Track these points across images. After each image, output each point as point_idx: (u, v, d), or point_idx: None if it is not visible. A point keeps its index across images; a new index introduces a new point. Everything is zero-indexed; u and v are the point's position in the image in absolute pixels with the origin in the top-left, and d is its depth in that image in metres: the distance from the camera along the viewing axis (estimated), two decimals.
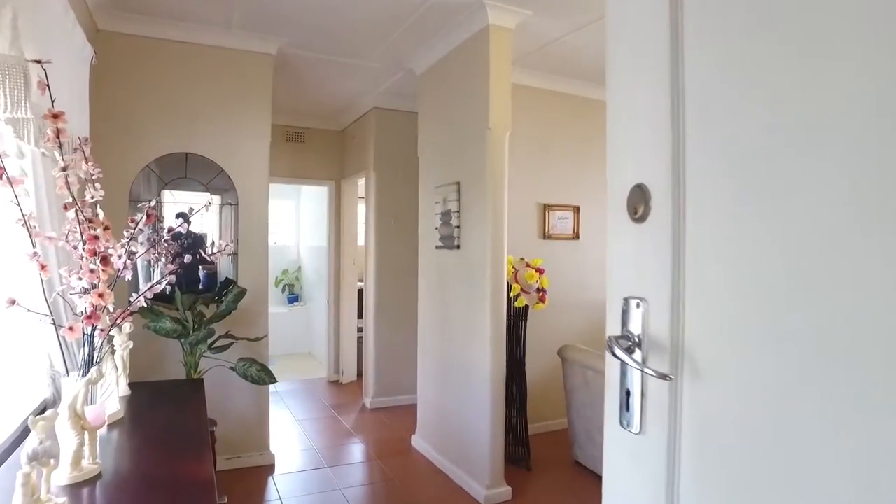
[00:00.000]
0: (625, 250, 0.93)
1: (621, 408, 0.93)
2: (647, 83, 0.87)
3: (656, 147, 0.84)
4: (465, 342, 3.55)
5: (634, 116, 0.89)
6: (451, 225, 3.68)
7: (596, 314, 4.79)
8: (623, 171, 0.92)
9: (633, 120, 0.90)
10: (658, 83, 0.84)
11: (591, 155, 4.78)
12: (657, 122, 0.84)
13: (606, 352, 0.92)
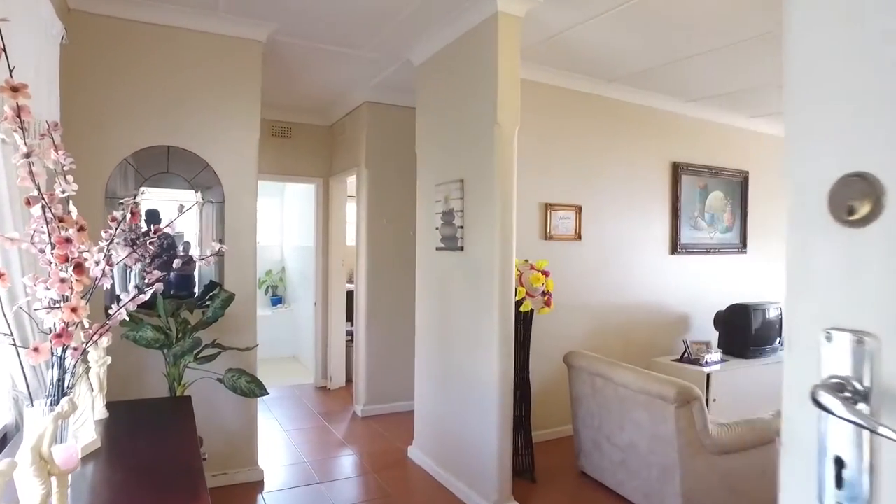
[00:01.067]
0: (826, 264, 0.70)
1: (822, 483, 0.70)
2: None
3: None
4: (469, 349, 3.34)
5: (851, 85, 0.66)
6: (453, 225, 3.47)
7: (598, 318, 4.63)
8: (822, 157, 0.69)
9: (847, 90, 0.66)
10: None
11: (594, 153, 4.61)
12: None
13: (785, 402, 0.67)
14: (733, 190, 5.56)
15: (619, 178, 4.75)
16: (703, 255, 5.33)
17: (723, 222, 5.48)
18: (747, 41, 3.60)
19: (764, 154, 5.84)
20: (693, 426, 2.82)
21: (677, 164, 5.11)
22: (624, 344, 4.78)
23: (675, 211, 5.11)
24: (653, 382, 2.92)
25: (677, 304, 5.15)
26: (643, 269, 4.91)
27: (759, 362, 4.65)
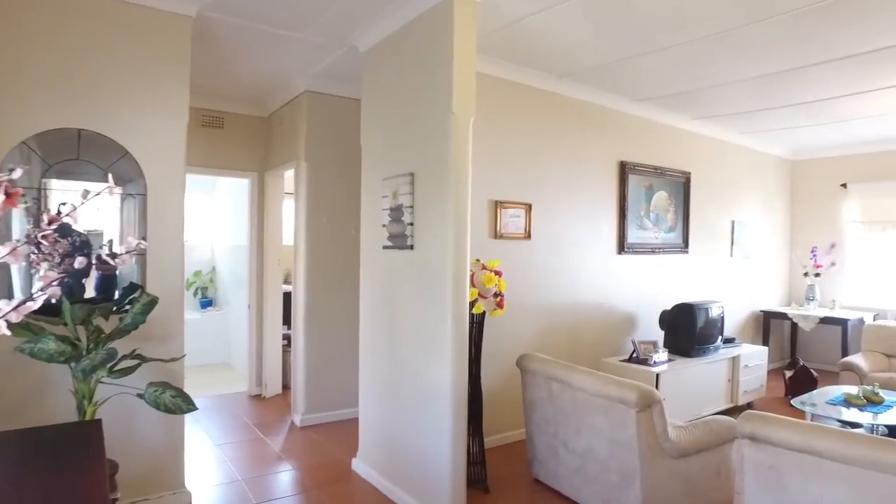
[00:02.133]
0: None
1: None
2: None
3: None
4: (420, 354, 3.14)
5: None
6: (402, 222, 3.25)
7: (547, 318, 4.53)
8: None
9: None
10: None
11: (544, 150, 4.51)
12: None
13: None
14: (676, 190, 5.62)
15: (568, 177, 4.68)
16: (648, 254, 5.35)
17: (666, 222, 5.53)
18: (702, 40, 3.57)
19: (705, 155, 5.96)
20: (653, 430, 2.73)
21: (624, 163, 5.10)
22: (573, 344, 4.71)
23: (622, 210, 5.10)
24: (613, 386, 2.81)
25: (624, 304, 5.14)
26: (591, 268, 4.86)
27: (703, 360, 4.69)
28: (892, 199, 6.32)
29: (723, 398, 4.88)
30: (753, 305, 6.66)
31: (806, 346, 6.91)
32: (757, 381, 5.14)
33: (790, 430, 2.13)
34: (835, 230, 6.83)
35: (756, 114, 5.35)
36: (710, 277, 6.03)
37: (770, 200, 6.89)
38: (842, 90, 4.53)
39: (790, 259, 7.19)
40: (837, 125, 5.65)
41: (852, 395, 3.82)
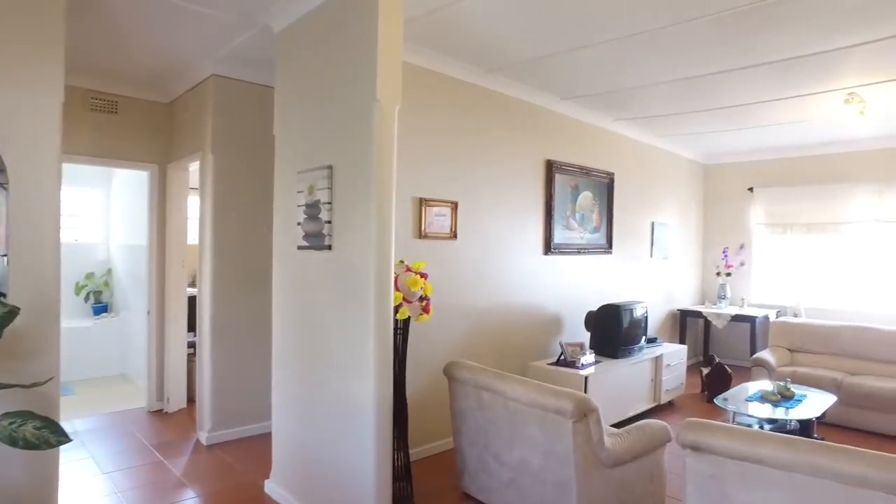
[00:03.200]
0: None
1: None
2: None
3: None
4: (340, 365, 2.85)
5: None
6: (319, 220, 2.95)
7: (473, 321, 4.36)
8: None
9: None
10: None
11: (470, 147, 4.33)
12: None
13: None
14: (601, 191, 5.64)
15: (495, 175, 4.53)
16: (574, 255, 5.32)
17: (591, 223, 5.53)
18: (630, 38, 3.52)
19: (627, 157, 6.03)
20: (590, 440, 2.60)
21: (551, 162, 5.03)
22: (500, 348, 4.57)
23: (548, 210, 5.02)
24: (548, 396, 2.66)
25: (551, 305, 5.07)
26: (519, 269, 4.75)
27: (629, 361, 4.69)
28: (792, 203, 6.69)
29: (646, 398, 4.91)
30: (671, 304, 6.84)
31: (718, 342, 7.19)
32: (677, 379, 5.24)
33: (734, 438, 2.05)
34: (743, 232, 7.16)
35: (675, 117, 5.45)
36: (632, 278, 6.11)
37: (685, 203, 7.12)
38: (757, 97, 4.67)
39: (703, 259, 7.47)
40: (749, 131, 5.88)
41: (768, 392, 3.92)
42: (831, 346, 5.21)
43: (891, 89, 4.37)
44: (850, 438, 4.36)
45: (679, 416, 4.94)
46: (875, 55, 3.73)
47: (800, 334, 5.42)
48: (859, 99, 4.48)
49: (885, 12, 3.12)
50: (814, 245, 6.57)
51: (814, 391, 4.22)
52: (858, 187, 6.28)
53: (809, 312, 6.52)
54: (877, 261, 6.24)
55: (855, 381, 4.66)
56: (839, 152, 6.42)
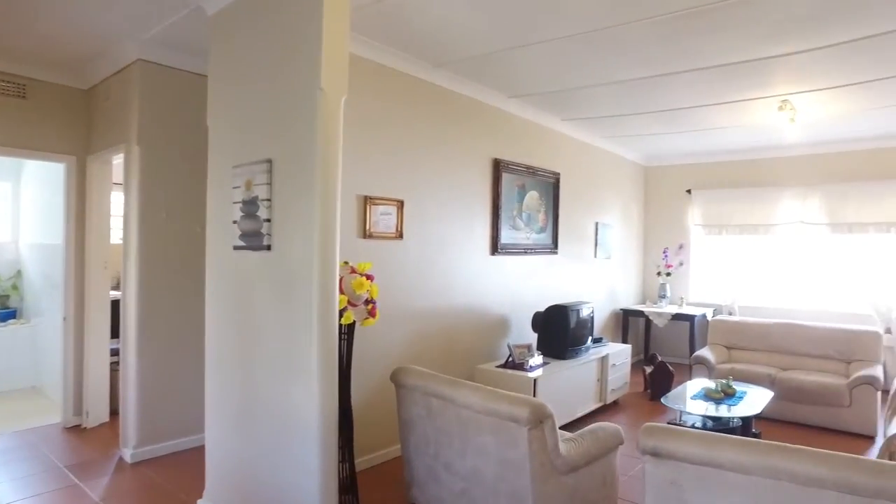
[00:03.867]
0: None
1: None
2: None
3: None
4: (280, 373, 2.64)
5: None
6: (258, 218, 2.73)
7: (420, 324, 4.22)
8: None
9: None
10: None
11: (417, 144, 4.19)
12: None
13: None
14: (547, 191, 5.62)
15: (442, 173, 4.41)
16: (521, 255, 5.27)
17: (538, 223, 5.50)
18: (579, 36, 3.48)
19: (573, 157, 6.05)
20: (545, 447, 2.51)
21: (499, 161, 4.96)
22: (447, 351, 4.46)
23: (495, 210, 4.95)
24: (502, 402, 2.55)
25: (498, 307, 5.00)
26: (466, 270, 4.65)
27: (576, 362, 4.68)
28: (727, 205, 6.93)
29: (593, 398, 4.92)
30: (614, 304, 6.94)
31: (658, 340, 7.36)
32: (622, 378, 5.28)
33: (693, 442, 2.00)
34: (682, 232, 7.37)
35: (619, 118, 5.51)
36: (577, 278, 6.14)
37: (627, 204, 7.24)
38: (697, 101, 4.77)
39: (644, 259, 7.64)
40: (688, 134, 6.03)
41: (711, 390, 3.99)
42: (765, 342, 5.40)
43: (818, 98, 4.55)
44: (784, 431, 4.52)
45: (625, 416, 4.98)
46: (806, 65, 3.86)
47: (736, 332, 5.59)
48: (791, 106, 4.65)
49: (817, 25, 3.24)
50: (746, 246, 6.83)
51: (752, 387, 4.34)
52: (786, 191, 6.57)
53: (743, 311, 6.78)
54: (803, 261, 6.55)
55: (786, 376, 4.84)
56: (770, 157, 6.70)
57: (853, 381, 4.56)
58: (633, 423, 4.79)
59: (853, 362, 4.98)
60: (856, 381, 4.53)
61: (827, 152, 6.37)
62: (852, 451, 4.29)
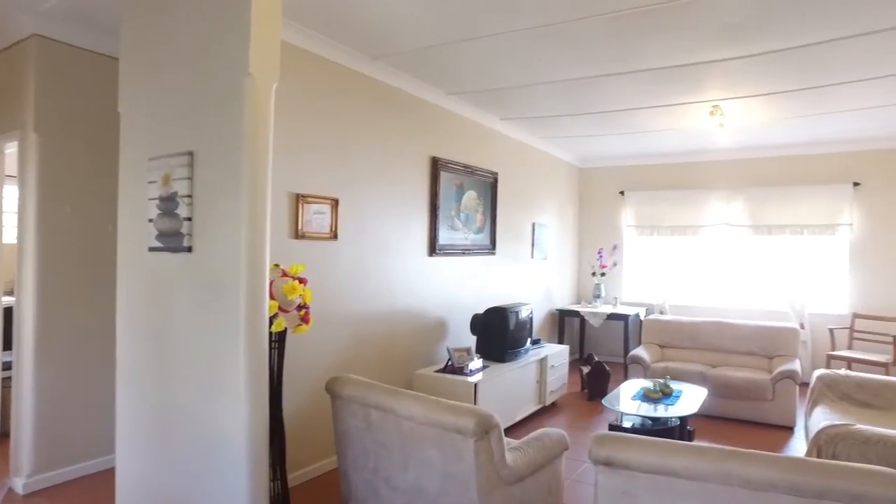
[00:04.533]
0: None
1: None
2: None
3: None
4: (202, 388, 2.39)
5: None
6: (177, 216, 2.46)
7: (356, 329, 4.01)
8: None
9: None
10: None
11: (353, 139, 3.99)
12: None
13: None
14: (485, 190, 5.54)
15: (379, 170, 4.22)
16: (459, 256, 5.16)
17: (476, 223, 5.41)
18: (522, 32, 3.40)
19: (511, 157, 6.01)
20: (492, 459, 2.39)
21: (437, 159, 4.82)
22: (385, 357, 4.27)
23: (433, 209, 4.81)
24: (446, 413, 2.41)
25: (437, 309, 4.86)
26: (403, 271, 4.48)
27: (516, 365, 4.62)
28: (658, 206, 7.13)
29: (533, 400, 4.88)
30: (550, 304, 6.97)
31: (593, 340, 7.47)
32: (560, 379, 5.28)
33: (647, 450, 1.93)
34: (616, 233, 7.51)
35: (556, 119, 5.51)
36: (515, 279, 6.11)
37: (563, 205, 7.30)
38: (634, 103, 4.83)
39: (579, 260, 7.74)
40: (623, 137, 6.13)
41: (650, 390, 4.02)
42: (696, 341, 5.56)
43: (746, 105, 4.72)
44: (715, 426, 4.65)
45: (564, 417, 4.97)
46: (737, 72, 3.97)
47: (668, 331, 5.73)
48: (721, 112, 4.79)
49: (749, 33, 3.34)
50: (677, 246, 7.05)
51: (686, 385, 4.42)
52: (713, 194, 6.83)
53: (674, 310, 6.99)
54: (728, 261, 6.83)
55: (716, 373, 4.99)
56: (699, 161, 6.95)
57: (776, 375, 4.75)
58: (573, 424, 4.79)
59: (775, 357, 5.20)
60: (778, 376, 4.73)
61: (750, 158, 6.67)
62: (776, 443, 4.50)
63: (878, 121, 5.25)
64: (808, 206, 6.29)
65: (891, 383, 3.85)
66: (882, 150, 6.10)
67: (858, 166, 6.20)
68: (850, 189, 6.16)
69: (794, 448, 4.28)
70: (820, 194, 6.26)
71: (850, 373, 3.97)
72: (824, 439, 2.77)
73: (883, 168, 6.11)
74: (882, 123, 5.35)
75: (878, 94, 4.43)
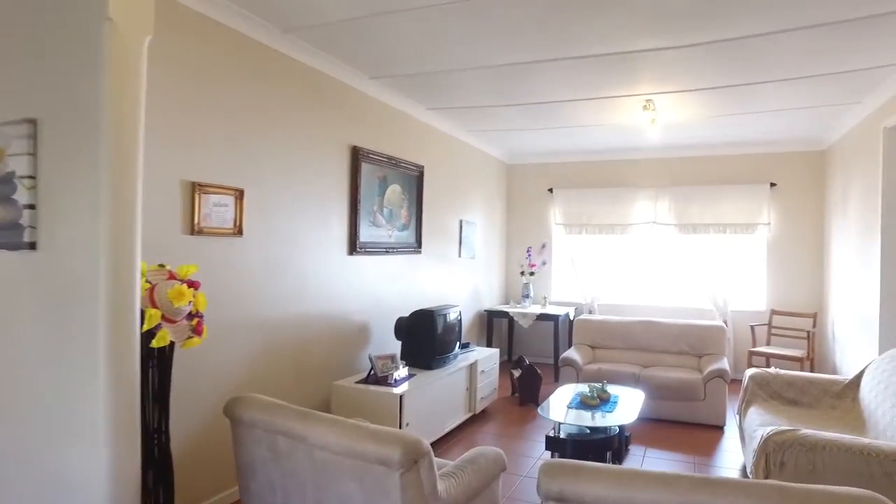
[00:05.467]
0: None
1: None
2: None
3: None
4: (49, 430, 1.86)
5: None
6: (14, 203, 1.92)
7: (265, 337, 3.53)
8: None
9: None
10: None
11: (262, 122, 3.50)
12: None
13: None
14: (410, 184, 5.17)
15: (292, 159, 3.75)
16: (382, 255, 4.75)
17: (400, 219, 5.03)
18: (462, 4, 3.04)
19: (438, 150, 5.67)
20: (422, 492, 2.02)
21: (358, 149, 4.39)
22: (299, 368, 3.81)
23: (354, 204, 4.38)
24: (367, 441, 2.02)
25: (358, 313, 4.44)
26: (320, 271, 4.02)
27: (445, 371, 4.28)
28: (587, 204, 7.03)
29: (462, 409, 4.57)
30: (478, 305, 6.70)
31: (522, 341, 7.28)
32: (491, 385, 5.00)
33: (607, 483, 1.63)
34: (545, 231, 7.36)
35: (486, 110, 5.23)
36: (442, 279, 5.78)
37: (491, 201, 7.06)
38: (567, 94, 4.61)
39: (507, 259, 7.53)
40: (552, 132, 5.94)
41: (587, 396, 3.80)
42: (627, 341, 5.45)
43: (678, 100, 4.63)
44: (651, 428, 4.52)
45: (496, 425, 4.69)
46: (671, 63, 3.84)
47: (600, 332, 5.59)
48: (653, 107, 4.68)
49: (686, 21, 3.19)
50: (605, 245, 6.96)
51: (621, 388, 4.26)
52: (640, 192, 6.81)
53: (602, 309, 6.91)
54: (656, 260, 6.83)
55: (649, 374, 4.88)
56: (627, 159, 6.91)
57: (707, 375, 4.70)
58: (506, 433, 4.52)
59: (704, 356, 5.17)
60: (709, 375, 4.67)
61: (676, 157, 6.70)
62: (709, 443, 4.42)
63: (794, 122, 5.35)
64: (730, 206, 6.39)
65: (815, 380, 3.84)
66: (795, 152, 6.28)
67: (775, 167, 6.35)
68: (767, 189, 6.30)
69: (728, 448, 4.21)
70: (741, 194, 6.36)
71: (780, 371, 3.93)
72: (772, 447, 2.62)
73: (796, 169, 6.29)
74: (797, 126, 5.47)
75: (798, 95, 4.46)
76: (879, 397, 3.27)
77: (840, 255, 5.54)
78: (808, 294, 6.23)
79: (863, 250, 4.80)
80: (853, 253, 5.12)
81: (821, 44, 3.45)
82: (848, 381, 3.73)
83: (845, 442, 2.53)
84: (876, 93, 4.37)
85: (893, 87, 4.14)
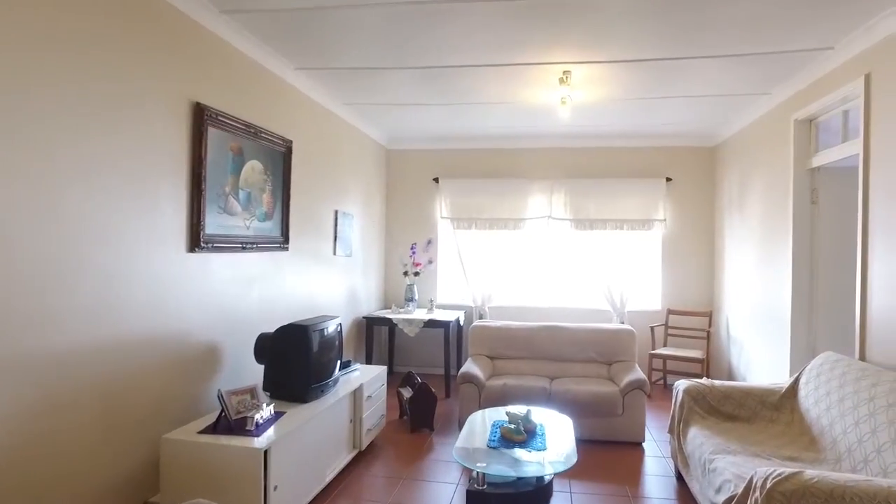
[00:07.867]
0: None
1: None
2: None
3: None
4: None
5: None
6: None
7: (54, 383, 2.29)
8: None
9: None
10: None
11: (41, 60, 2.24)
12: None
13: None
14: (275, 162, 4.05)
15: (97, 110, 2.52)
16: (238, 252, 3.61)
17: (262, 206, 3.90)
18: None
19: (309, 123, 4.59)
20: None
21: (203, 107, 3.22)
22: (108, 419, 2.59)
23: (196, 181, 3.20)
24: None
25: (204, 330, 3.26)
26: (145, 275, 2.82)
27: (323, 404, 3.25)
28: (476, 196, 6.33)
29: (346, 447, 3.57)
30: (355, 311, 5.70)
31: (405, 351, 6.42)
32: (378, 412, 4.06)
33: None
34: (430, 226, 6.54)
35: (369, 73, 4.26)
36: (314, 282, 4.70)
37: (369, 191, 6.08)
38: (471, 57, 3.82)
39: (388, 257, 6.60)
40: (443, 108, 5.12)
41: (510, 430, 3.02)
42: (530, 349, 4.82)
43: (595, 74, 4.06)
44: None
45: (387, 464, 3.74)
46: (602, 24, 3.22)
47: (499, 339, 4.89)
48: (569, 81, 4.07)
49: None
50: (497, 241, 6.30)
51: (541, 411, 3.57)
52: (535, 184, 6.25)
53: (494, 312, 6.27)
54: (552, 258, 6.32)
55: (560, 388, 4.27)
56: (520, 147, 6.31)
57: (625, 387, 4.18)
58: (401, 473, 3.60)
59: (614, 363, 4.70)
60: (627, 388, 4.16)
61: (573, 147, 6.24)
62: (633, 466, 3.85)
63: (697, 114, 5.10)
64: (627, 201, 6.06)
65: (751, 391, 3.44)
66: (690, 147, 6.13)
67: (669, 163, 6.15)
68: (663, 184, 6.07)
69: (655, 471, 3.69)
70: (638, 188, 6.06)
71: (715, 382, 3.48)
72: (779, 499, 2.01)
73: (689, 165, 6.14)
74: (699, 118, 5.23)
75: (716, 79, 4.11)
76: (833, 411, 2.89)
77: (735, 252, 5.40)
78: (702, 292, 6.10)
79: (767, 246, 4.60)
80: (752, 249, 4.95)
81: (768, 9, 3.01)
82: (783, 390, 3.38)
83: (862, 487, 1.99)
84: (788, 83, 4.15)
85: (806, 78, 3.93)
